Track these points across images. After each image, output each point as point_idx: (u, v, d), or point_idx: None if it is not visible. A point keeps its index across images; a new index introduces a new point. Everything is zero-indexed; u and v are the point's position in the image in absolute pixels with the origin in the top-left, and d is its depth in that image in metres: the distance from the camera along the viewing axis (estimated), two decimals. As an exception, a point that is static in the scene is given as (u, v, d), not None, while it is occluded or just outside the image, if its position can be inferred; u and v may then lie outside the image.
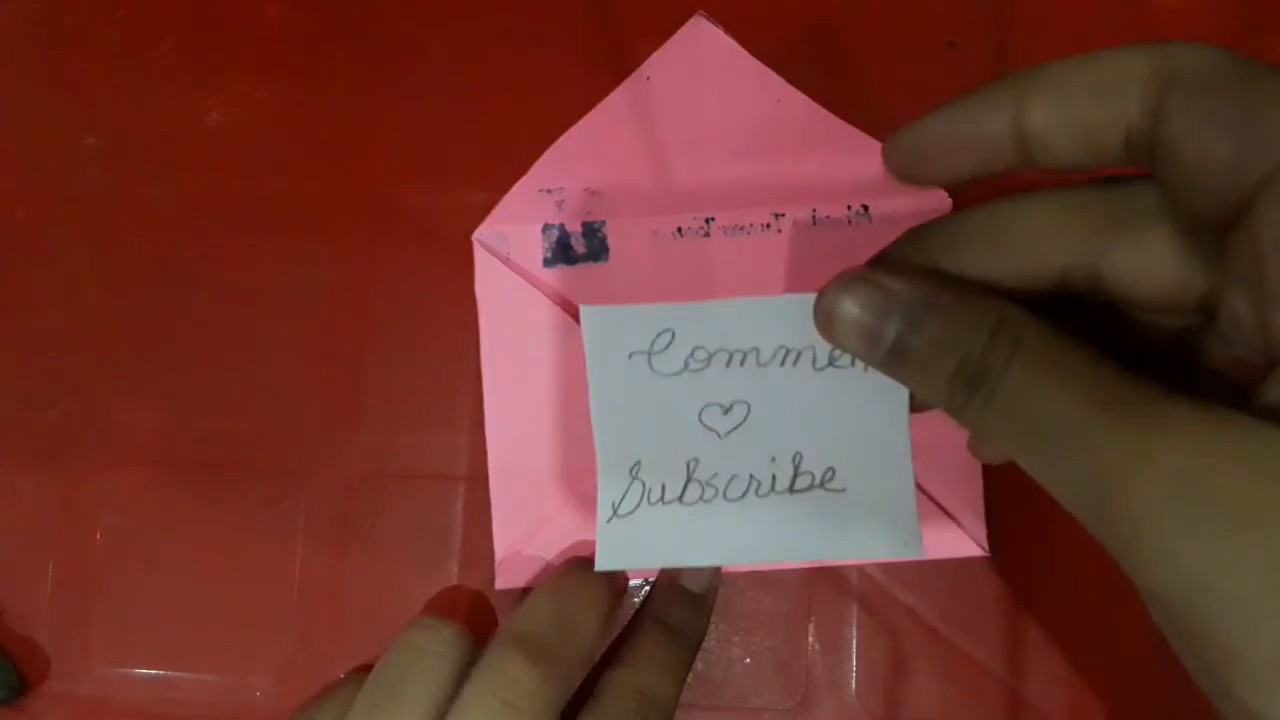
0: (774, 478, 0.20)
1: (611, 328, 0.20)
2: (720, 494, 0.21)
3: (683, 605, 0.26)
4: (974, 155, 0.18)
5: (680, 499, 0.21)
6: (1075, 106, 0.17)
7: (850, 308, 0.17)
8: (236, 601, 0.29)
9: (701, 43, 0.27)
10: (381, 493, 0.29)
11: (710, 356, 0.20)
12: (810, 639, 0.28)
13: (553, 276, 0.28)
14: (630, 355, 0.20)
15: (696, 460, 0.21)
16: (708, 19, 0.26)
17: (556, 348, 0.28)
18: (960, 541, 0.27)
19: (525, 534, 0.28)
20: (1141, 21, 0.30)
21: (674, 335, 0.20)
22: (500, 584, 0.27)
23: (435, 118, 0.30)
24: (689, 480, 0.21)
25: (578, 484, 0.27)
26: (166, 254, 0.30)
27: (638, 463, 0.21)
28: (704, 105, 0.27)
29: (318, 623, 0.29)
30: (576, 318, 0.24)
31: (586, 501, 0.27)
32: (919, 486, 0.25)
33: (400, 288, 0.30)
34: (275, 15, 0.31)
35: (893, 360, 0.17)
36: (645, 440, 0.21)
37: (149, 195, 0.30)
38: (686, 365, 0.20)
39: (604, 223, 0.28)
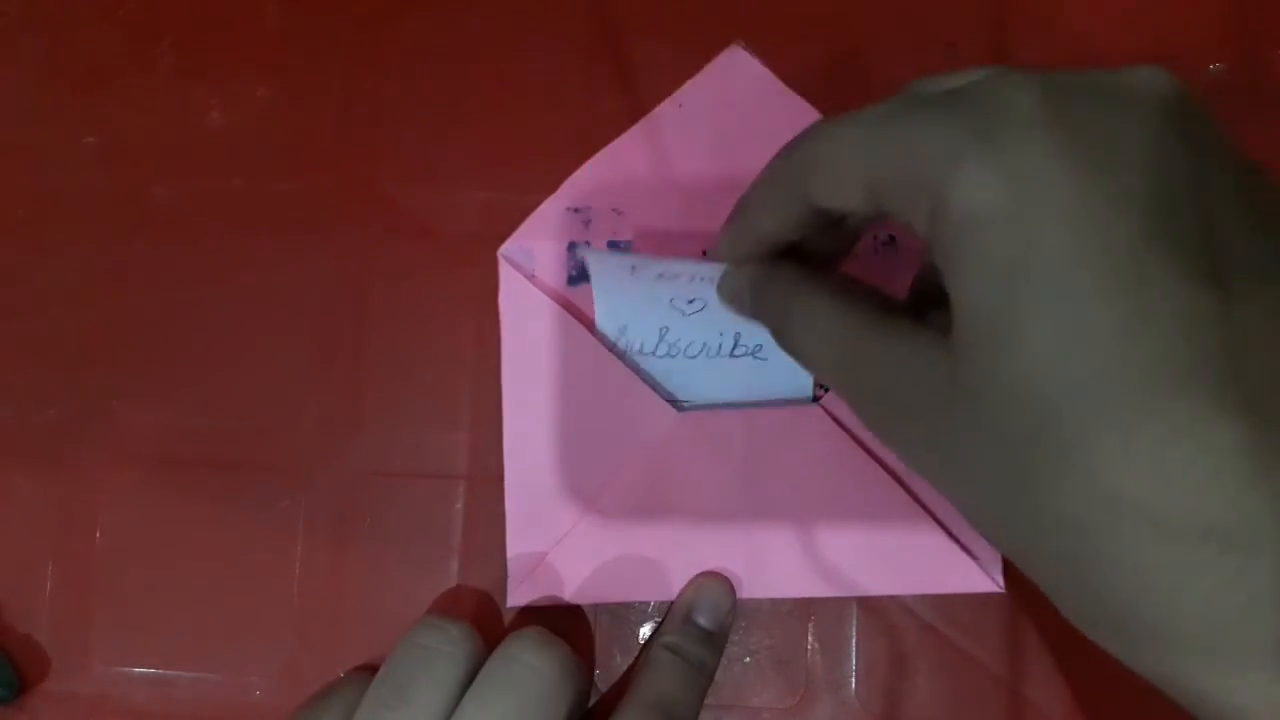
0: (720, 346, 0.28)
1: (611, 260, 0.27)
2: (682, 353, 0.28)
3: (696, 643, 0.26)
4: (787, 232, 0.21)
5: (654, 353, 0.28)
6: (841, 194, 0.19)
7: (724, 284, 0.24)
8: (236, 601, 0.29)
9: (736, 71, 0.27)
10: (381, 492, 0.29)
11: (679, 274, 0.25)
12: (810, 638, 0.28)
13: (576, 295, 0.28)
14: (620, 267, 0.26)
15: (667, 328, 0.27)
16: (744, 48, 0.27)
17: (578, 366, 0.28)
18: (977, 578, 0.27)
19: (539, 552, 0.27)
20: (1140, 21, 0.30)
21: (653, 263, 0.26)
22: (512, 602, 0.27)
23: (435, 118, 0.30)
24: (660, 340, 0.28)
25: (594, 502, 0.27)
26: (166, 254, 0.30)
27: (625, 325, 0.28)
28: (735, 133, 0.28)
29: (318, 623, 0.29)
30: (598, 336, 0.28)
31: (602, 520, 0.27)
32: (939, 523, 0.27)
33: (400, 288, 0.30)
34: (275, 15, 0.31)
35: (752, 316, 0.23)
36: (631, 312, 0.27)
37: (149, 195, 0.30)
38: (661, 276, 0.25)
39: (629, 243, 0.28)
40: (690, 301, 0.27)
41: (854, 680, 0.28)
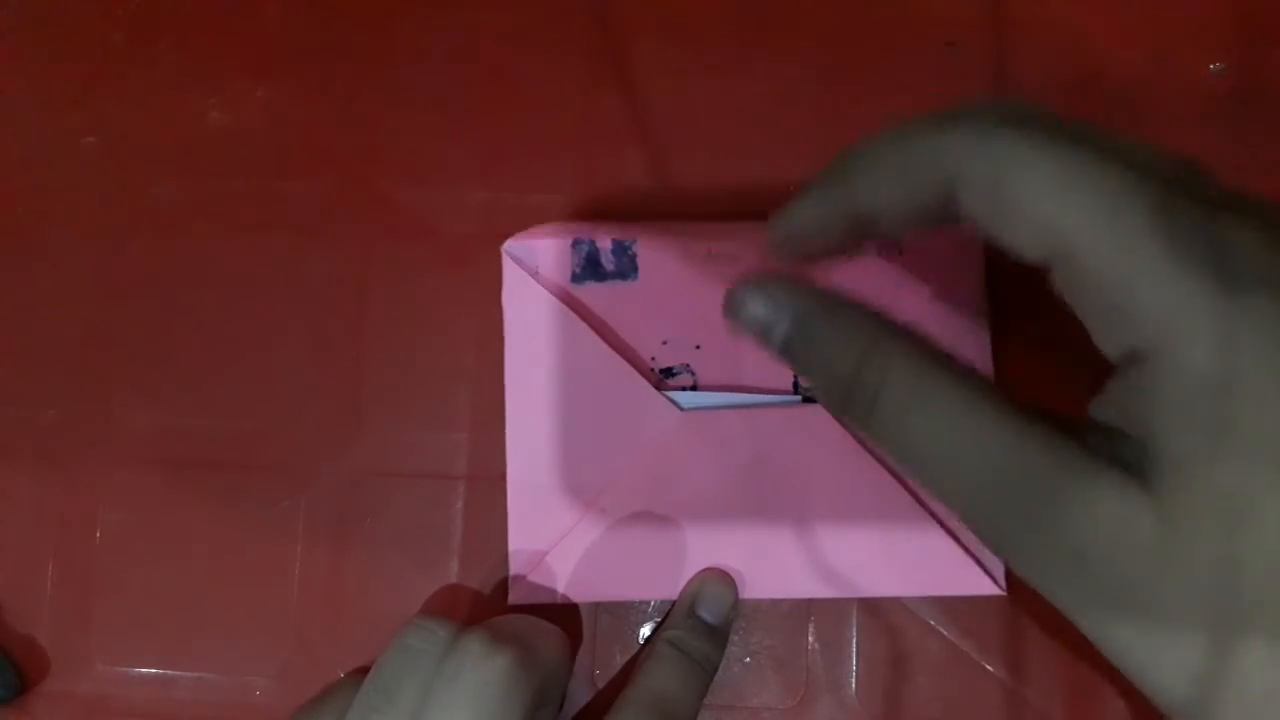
0: None
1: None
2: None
3: (700, 637, 0.26)
4: (826, 240, 0.20)
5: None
6: (892, 192, 0.18)
7: (753, 305, 0.19)
8: (236, 601, 0.29)
9: None
10: (381, 492, 0.29)
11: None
12: (810, 639, 0.28)
13: (581, 292, 0.28)
14: None
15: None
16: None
17: (581, 364, 0.28)
18: (978, 580, 0.27)
19: (540, 550, 0.27)
20: (1140, 21, 0.30)
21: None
22: (513, 599, 0.27)
23: (435, 118, 0.30)
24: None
25: (596, 500, 0.27)
26: (166, 254, 0.30)
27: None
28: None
29: (318, 623, 0.29)
30: (602, 334, 0.28)
31: (604, 519, 0.27)
32: (941, 525, 0.27)
33: (400, 288, 0.30)
34: (275, 15, 0.31)
35: (784, 355, 0.19)
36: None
37: (149, 195, 0.30)
38: None
39: (634, 241, 0.28)
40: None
41: (854, 680, 0.28)
